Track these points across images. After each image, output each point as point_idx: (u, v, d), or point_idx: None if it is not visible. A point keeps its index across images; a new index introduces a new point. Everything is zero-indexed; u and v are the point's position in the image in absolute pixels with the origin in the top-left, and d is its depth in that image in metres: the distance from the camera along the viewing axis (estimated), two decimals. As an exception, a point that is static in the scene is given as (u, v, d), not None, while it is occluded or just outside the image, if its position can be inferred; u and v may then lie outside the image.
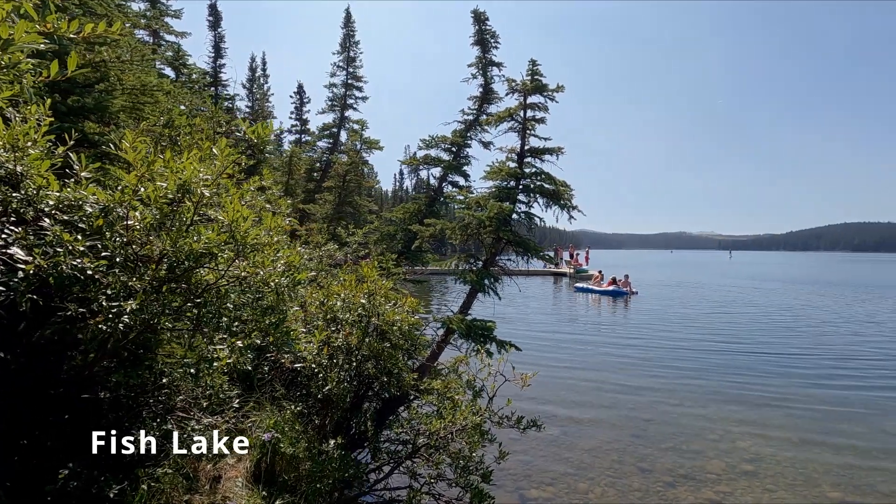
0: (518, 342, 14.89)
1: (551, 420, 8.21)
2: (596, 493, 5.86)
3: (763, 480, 6.21)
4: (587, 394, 9.63)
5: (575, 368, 11.62)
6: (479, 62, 7.48)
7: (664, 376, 10.89)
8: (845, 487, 6.04)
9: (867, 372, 11.53)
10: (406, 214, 6.60)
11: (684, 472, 6.41)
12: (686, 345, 14.46)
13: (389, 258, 4.93)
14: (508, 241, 4.77)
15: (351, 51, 20.61)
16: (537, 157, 4.91)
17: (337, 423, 4.49)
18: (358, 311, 4.14)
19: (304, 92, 32.05)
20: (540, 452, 6.93)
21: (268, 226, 2.64)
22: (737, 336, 15.94)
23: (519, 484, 6.04)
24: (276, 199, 4.65)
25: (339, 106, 19.96)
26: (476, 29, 7.42)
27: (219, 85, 23.10)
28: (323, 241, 6.53)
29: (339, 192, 11.63)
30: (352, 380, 4.30)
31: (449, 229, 4.92)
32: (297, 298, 4.74)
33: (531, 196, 4.84)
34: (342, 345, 4.00)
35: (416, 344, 4.57)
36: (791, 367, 11.82)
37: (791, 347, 14.22)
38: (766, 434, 7.67)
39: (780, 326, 17.93)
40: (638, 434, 7.69)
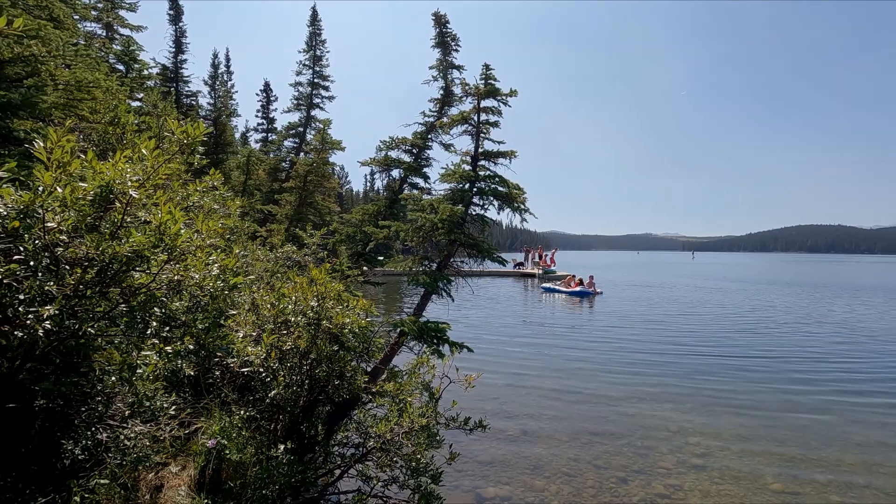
0: (481, 344, 15.04)
1: (512, 420, 8.33)
2: (551, 491, 5.96)
3: (710, 473, 6.45)
4: (549, 393, 9.78)
5: (538, 369, 11.80)
6: (440, 65, 7.51)
7: (624, 375, 11.17)
8: (786, 478, 6.34)
9: (816, 370, 12.12)
10: (365, 216, 6.56)
11: (637, 468, 6.59)
12: (647, 345, 14.88)
13: (343, 260, 4.89)
14: (462, 244, 4.82)
15: (317, 49, 20.35)
16: (491, 160, 4.98)
17: (288, 427, 4.43)
18: (308, 313, 4.10)
19: (271, 90, 31.47)
20: (499, 452, 6.99)
21: (199, 228, 2.57)
22: (695, 336, 16.50)
23: (476, 483, 6.08)
24: (225, 200, 4.55)
25: (305, 105, 19.65)
26: (437, 31, 7.44)
27: (180, 81, 22.43)
28: (280, 243, 6.43)
29: (300, 193, 11.44)
30: (302, 383, 4.25)
31: (403, 231, 4.93)
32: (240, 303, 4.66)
33: (485, 199, 4.90)
34: (291, 348, 3.95)
35: (370, 347, 4.55)
36: (745, 367, 12.32)
37: (746, 347, 14.82)
38: (717, 430, 7.97)
39: (736, 326, 18.67)
40: (596, 432, 7.86)
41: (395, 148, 7.21)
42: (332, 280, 4.76)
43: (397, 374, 5.14)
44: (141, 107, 6.70)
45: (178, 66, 22.26)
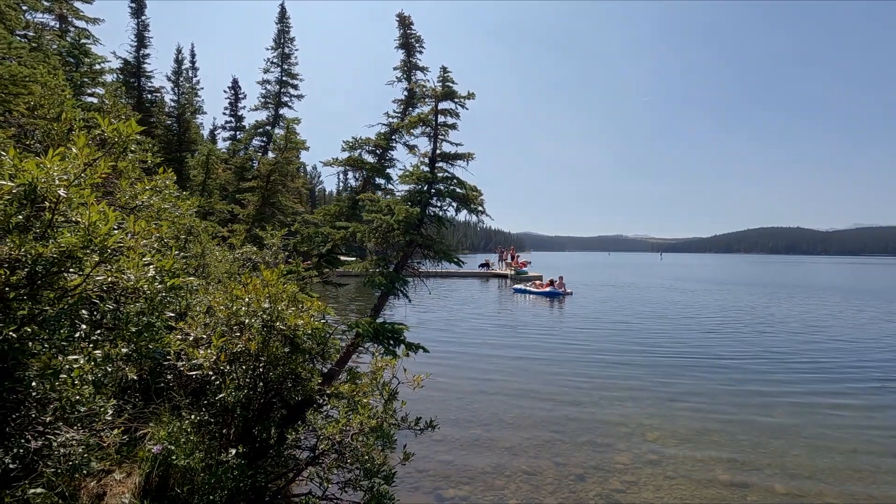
0: (450, 343, 15.06)
1: (476, 420, 8.39)
2: (511, 489, 6.04)
3: (665, 468, 6.65)
4: (514, 393, 9.90)
5: (504, 369, 11.92)
6: (404, 66, 7.51)
7: (589, 375, 11.39)
8: (735, 470, 6.59)
9: (771, 369, 12.62)
10: (326, 217, 6.51)
11: (595, 465, 6.73)
12: (612, 345, 15.21)
13: (299, 261, 4.84)
14: (419, 245, 4.84)
15: (286, 47, 20.01)
16: (449, 162, 5.01)
17: (241, 431, 4.35)
18: (261, 315, 4.05)
19: (240, 87, 30.84)
20: (461, 452, 7.04)
21: (131, 228, 2.51)
22: (660, 336, 16.96)
23: (437, 484, 6.11)
24: (176, 199, 4.44)
25: (273, 103, 19.30)
26: (401, 33, 7.45)
27: (142, 76, 21.72)
28: (239, 244, 6.31)
29: (263, 193, 11.24)
30: (255, 386, 4.19)
31: (360, 232, 4.91)
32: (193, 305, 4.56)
33: (442, 200, 4.93)
34: (242, 350, 3.89)
35: (326, 348, 4.52)
36: (705, 365, 12.74)
37: (708, 347, 15.32)
38: (673, 427, 8.21)
39: (700, 326, 19.27)
40: (557, 430, 7.99)
41: (359, 148, 7.18)
42: (288, 281, 4.71)
43: (356, 376, 5.12)
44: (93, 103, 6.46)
45: (141, 60, 21.55)
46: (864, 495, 5.97)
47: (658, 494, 5.96)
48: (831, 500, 5.86)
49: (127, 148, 2.57)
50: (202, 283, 5.60)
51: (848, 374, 11.69)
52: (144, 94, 21.34)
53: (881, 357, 13.70)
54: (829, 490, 6.09)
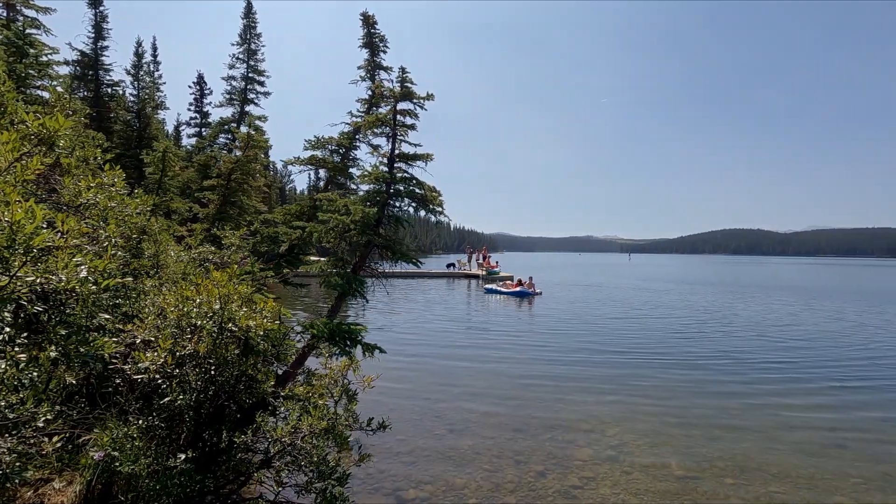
0: (418, 344, 15.04)
1: (441, 420, 8.41)
2: (471, 488, 6.08)
3: (622, 463, 6.82)
4: (479, 393, 9.96)
5: (471, 369, 11.99)
6: (368, 65, 7.47)
7: (554, 374, 11.58)
8: (689, 465, 6.81)
9: (729, 365, 13.09)
10: (287, 216, 6.41)
11: (555, 461, 6.85)
12: (578, 343, 15.50)
13: (254, 261, 4.76)
14: (376, 245, 4.82)
15: (252, 43, 19.59)
16: (408, 162, 5.02)
17: (191, 435, 4.25)
18: (213, 317, 3.96)
19: (205, 83, 30.01)
20: (424, 453, 7.04)
21: (59, 227, 2.42)
22: (625, 334, 17.37)
23: (398, 485, 6.09)
24: (123, 197, 4.30)
25: (238, 100, 18.85)
26: (365, 32, 7.40)
27: (100, 69, 20.89)
28: (196, 244, 6.14)
29: (223, 192, 10.96)
30: (206, 389, 4.10)
31: (317, 232, 4.86)
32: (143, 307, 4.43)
33: (401, 200, 4.93)
34: (191, 353, 3.80)
35: (282, 350, 4.46)
36: (668, 363, 13.11)
37: (671, 345, 15.77)
38: (633, 423, 8.42)
39: (665, 325, 19.82)
40: (520, 428, 8.09)
41: (322, 147, 7.10)
42: (242, 282, 4.63)
43: (314, 377, 5.07)
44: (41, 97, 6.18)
45: (99, 53, 20.72)
46: (806, 484, 6.27)
47: (614, 490, 6.11)
48: (775, 489, 6.12)
49: (55, 143, 2.47)
50: (155, 284, 5.44)
51: (801, 373, 12.25)
52: (103, 88, 20.51)
53: (834, 356, 14.39)
54: (775, 480, 6.36)
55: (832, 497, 5.96)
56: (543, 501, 5.79)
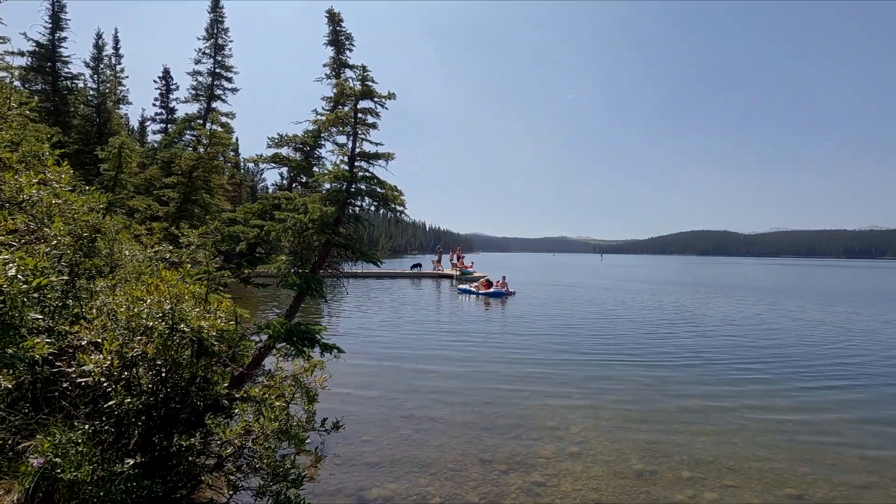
0: (388, 345, 14.96)
1: (408, 420, 8.38)
2: (435, 487, 6.08)
3: (584, 460, 6.94)
4: (447, 392, 9.98)
5: (441, 368, 12.01)
6: (334, 63, 7.40)
7: (523, 372, 11.70)
8: (648, 459, 6.98)
9: (692, 360, 13.47)
10: (248, 215, 6.27)
11: (519, 459, 6.91)
12: (548, 342, 15.70)
13: (209, 260, 4.65)
14: (335, 244, 4.78)
15: (219, 38, 19.10)
16: (369, 161, 4.99)
17: (141, 440, 4.13)
18: (163, 317, 3.85)
19: (172, 78, 29.20)
20: (389, 453, 7.01)
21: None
22: (594, 333, 17.69)
23: (361, 485, 6.05)
24: (69, 194, 4.14)
25: (205, 96, 18.37)
26: (331, 29, 7.33)
27: (58, 60, 20.03)
28: (152, 243, 5.95)
29: (184, 190, 10.65)
30: (156, 392, 3.98)
31: (275, 231, 4.78)
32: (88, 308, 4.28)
33: (361, 199, 4.91)
34: (139, 355, 3.69)
35: (238, 351, 4.37)
36: (634, 361, 13.40)
37: (637, 343, 16.12)
38: (596, 420, 8.58)
39: (631, 323, 20.26)
40: (486, 427, 8.14)
41: (285, 145, 6.99)
42: (197, 282, 4.52)
43: (272, 379, 4.99)
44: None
45: (56, 44, 19.86)
46: (758, 476, 6.50)
47: (575, 485, 6.21)
48: (728, 482, 6.33)
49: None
50: (107, 285, 5.26)
51: (759, 370, 12.70)
52: (61, 81, 19.64)
53: (791, 354, 14.98)
54: (729, 474, 6.58)
55: (782, 489, 6.19)
56: (506, 499, 5.85)
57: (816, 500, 5.89)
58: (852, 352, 14.83)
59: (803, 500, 5.92)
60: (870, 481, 6.39)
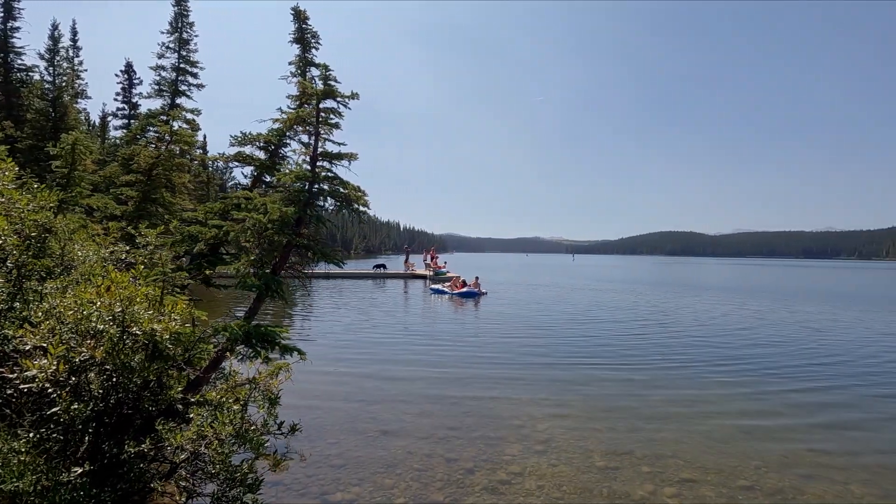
0: (357, 345, 14.85)
1: (375, 421, 8.35)
2: (400, 488, 6.08)
3: (549, 457, 7.05)
4: (416, 393, 9.99)
5: (410, 369, 12.01)
6: (299, 61, 7.30)
7: (492, 371, 11.80)
8: (610, 455, 7.14)
9: (655, 358, 13.84)
10: (209, 215, 6.12)
11: (485, 458, 6.97)
12: (516, 342, 15.89)
13: (165, 260, 4.53)
14: (295, 245, 4.72)
15: (184, 32, 18.56)
16: (331, 161, 4.96)
17: (91, 447, 3.99)
18: (112, 320, 3.73)
19: (134, 72, 28.24)
20: (355, 455, 6.97)
21: None
22: (563, 331, 17.99)
23: (325, 489, 5.99)
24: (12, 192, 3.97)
25: (169, 92, 17.80)
26: (296, 27, 7.24)
27: (10, 51, 19.08)
28: (107, 243, 5.75)
29: (144, 188, 10.31)
30: (106, 398, 3.86)
31: (233, 231, 4.70)
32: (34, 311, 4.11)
33: (323, 199, 4.87)
34: (86, 360, 3.56)
35: (194, 354, 4.27)
36: (599, 359, 13.69)
37: (604, 341, 16.46)
38: (561, 417, 8.72)
39: (599, 322, 20.68)
40: (454, 427, 8.17)
41: (249, 144, 6.86)
42: (151, 283, 4.41)
43: (232, 382, 4.90)
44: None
45: (9, 34, 18.92)
46: (714, 469, 6.74)
47: (539, 483, 6.31)
48: (686, 475, 6.54)
49: None
50: (57, 287, 5.06)
51: (718, 365, 13.16)
52: (13, 73, 18.71)
53: (750, 350, 15.55)
54: (687, 467, 6.79)
55: (735, 482, 6.43)
56: (470, 498, 5.89)
57: (766, 491, 6.14)
58: (813, 352, 15.48)
59: (754, 490, 6.16)
60: (815, 472, 6.71)
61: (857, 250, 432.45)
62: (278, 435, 4.13)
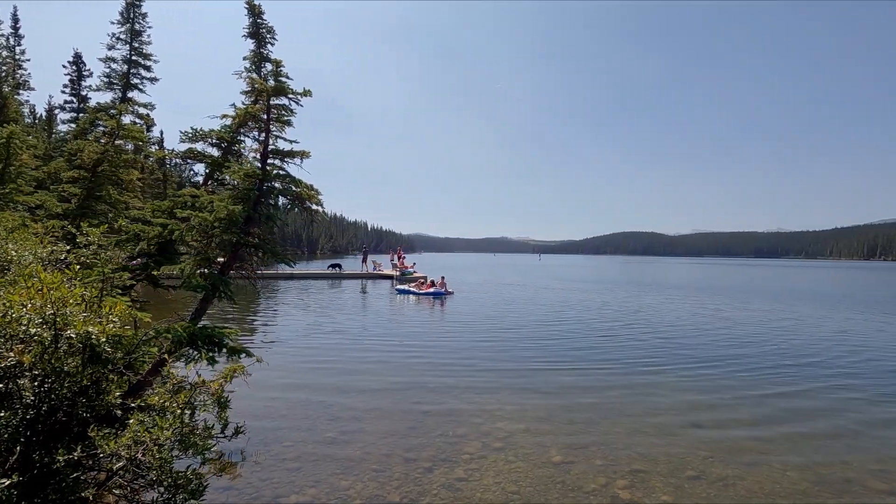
0: (318, 347, 14.60)
1: (334, 422, 8.25)
2: (357, 489, 6.03)
3: (507, 454, 7.14)
4: (377, 394, 9.92)
5: (372, 369, 11.92)
6: (254, 57, 7.13)
7: (454, 371, 11.84)
8: (566, 450, 7.30)
9: (614, 354, 14.20)
10: (157, 213, 5.89)
11: (444, 457, 7.00)
12: (481, 341, 16.00)
13: (105, 262, 4.35)
14: (245, 244, 4.62)
15: (136, 23, 17.76)
16: (283, 159, 4.87)
17: (22, 457, 3.78)
18: (42, 323, 3.55)
19: (84, 63, 26.88)
20: (311, 457, 6.87)
21: None
22: (526, 329, 18.23)
23: (279, 492, 5.88)
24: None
25: (120, 85, 16.97)
26: (251, 21, 7.06)
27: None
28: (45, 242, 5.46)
29: (88, 185, 9.82)
30: (37, 405, 3.67)
31: (178, 230, 4.54)
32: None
33: (274, 198, 4.78)
34: (12, 365, 3.38)
35: (136, 357, 4.11)
36: (560, 357, 13.93)
37: (565, 339, 16.78)
38: (521, 414, 8.85)
39: (562, 320, 21.07)
40: (414, 426, 8.17)
41: (200, 140, 6.66)
42: (85, 284, 4.22)
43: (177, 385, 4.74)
44: None
45: (-58, 19, 17.61)
46: (664, 460, 6.98)
47: (496, 479, 6.38)
48: (637, 467, 6.76)
49: None
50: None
51: (673, 360, 13.63)
52: (-53, 61, 17.43)
53: (705, 344, 16.17)
54: (639, 459, 7.02)
55: (684, 471, 6.69)
56: (427, 496, 5.90)
57: (711, 479, 6.42)
58: (764, 347, 16.24)
59: (700, 479, 6.43)
60: (757, 460, 7.05)
61: (803, 250, 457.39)
62: (221, 438, 4.02)
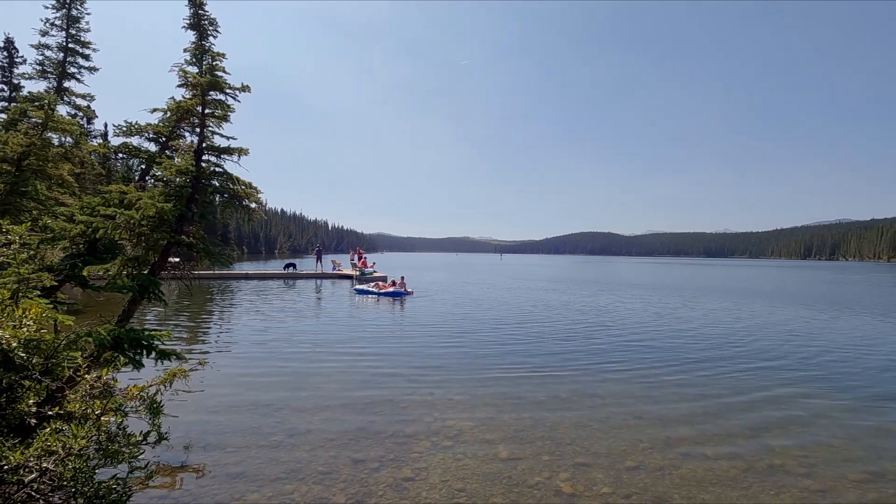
0: (270, 350, 14.24)
1: (281, 426, 8.07)
2: (301, 492, 5.93)
3: (455, 452, 7.20)
4: (326, 396, 9.78)
5: (323, 371, 11.74)
6: (196, 49, 6.88)
7: (408, 371, 11.82)
8: (514, 446, 7.44)
9: (568, 352, 14.55)
10: (86, 210, 5.58)
11: (393, 456, 6.99)
12: (437, 340, 16.04)
13: (21, 262, 4.09)
14: (176, 244, 4.46)
15: (74, 8, 16.70)
16: (219, 156, 4.73)
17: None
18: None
19: (16, 49, 25.17)
20: (256, 462, 6.70)
21: None
22: (481, 328, 18.41)
23: (219, 499, 5.71)
24: None
25: (55, 74, 15.90)
26: (192, 12, 6.80)
27: None
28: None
29: (11, 180, 9.17)
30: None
31: (103, 228, 4.31)
32: None
33: (209, 196, 4.63)
34: None
35: (54, 363, 3.88)
36: (515, 354, 14.15)
37: (519, 337, 17.04)
38: (472, 412, 8.94)
39: (517, 319, 21.40)
40: (364, 427, 8.11)
41: (136, 134, 6.36)
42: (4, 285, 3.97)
43: (107, 391, 4.53)
44: None
45: None
46: (605, 453, 7.24)
47: (443, 477, 6.43)
48: (581, 460, 6.97)
49: None
50: None
51: (619, 355, 14.10)
52: None
53: (653, 340, 16.80)
54: (583, 453, 7.24)
55: (624, 462, 6.95)
56: (373, 497, 5.88)
57: (649, 469, 6.70)
58: (705, 343, 17.05)
59: (638, 469, 6.70)
60: (691, 450, 7.42)
61: (748, 250, 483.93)
62: (144, 445, 3.87)
